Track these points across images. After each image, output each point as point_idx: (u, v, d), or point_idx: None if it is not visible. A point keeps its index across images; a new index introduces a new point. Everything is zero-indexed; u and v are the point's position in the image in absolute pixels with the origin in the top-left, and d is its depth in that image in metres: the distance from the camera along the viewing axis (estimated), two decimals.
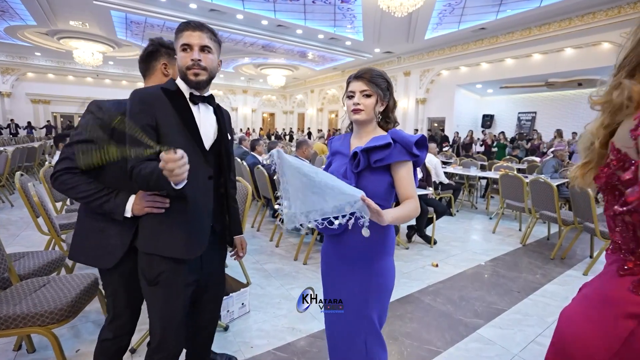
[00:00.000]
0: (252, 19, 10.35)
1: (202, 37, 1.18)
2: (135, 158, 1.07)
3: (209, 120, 1.28)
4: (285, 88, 23.26)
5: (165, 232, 1.20)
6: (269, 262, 3.32)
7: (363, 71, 1.21)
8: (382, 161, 1.14)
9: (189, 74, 1.18)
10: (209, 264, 1.36)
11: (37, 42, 13.82)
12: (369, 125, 1.24)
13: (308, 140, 3.74)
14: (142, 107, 1.14)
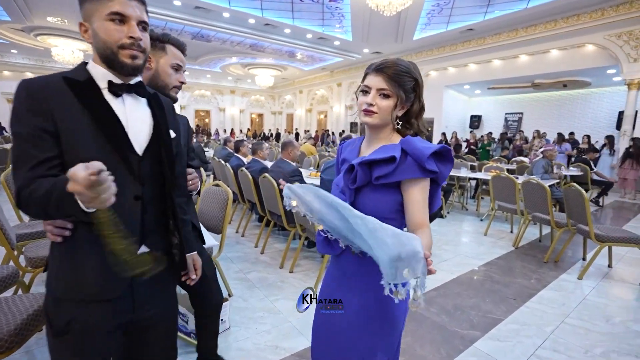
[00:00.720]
0: (238, 18, 10.12)
1: (141, 9, 0.92)
2: (25, 176, 0.80)
3: (140, 115, 0.97)
4: (273, 88, 23.02)
5: (75, 268, 0.90)
6: (253, 271, 3.12)
7: (387, 64, 0.94)
8: (386, 178, 0.90)
9: (122, 54, 0.88)
10: (147, 298, 1.01)
11: (12, 39, 13.23)
12: (382, 130, 0.99)
13: (294, 141, 3.56)
14: (32, 104, 0.82)
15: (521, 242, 4.11)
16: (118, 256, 0.79)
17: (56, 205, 0.76)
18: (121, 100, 0.93)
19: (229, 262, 3.26)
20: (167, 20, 10.26)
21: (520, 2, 8.44)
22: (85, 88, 0.89)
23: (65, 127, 0.84)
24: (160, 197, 1.01)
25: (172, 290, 1.15)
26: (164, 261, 0.97)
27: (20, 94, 0.83)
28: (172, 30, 11.54)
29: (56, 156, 0.83)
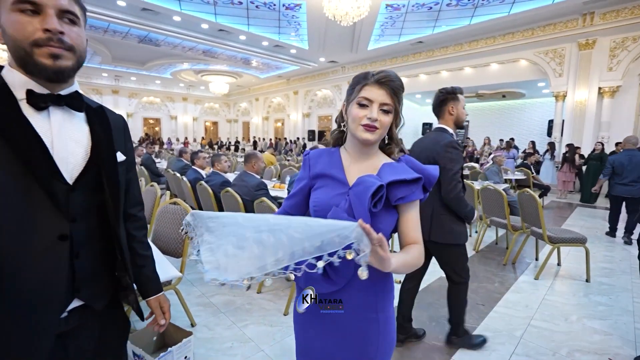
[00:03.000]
0: (190, 22, 9.67)
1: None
2: None
3: (72, 134, 0.79)
4: (228, 96, 22.40)
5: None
6: (217, 294, 2.86)
7: (390, 77, 0.87)
8: (404, 199, 0.85)
9: (39, 53, 0.70)
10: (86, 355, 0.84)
11: None
12: (374, 146, 0.94)
13: (258, 153, 3.37)
14: None
15: (480, 245, 4.30)
16: None
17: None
18: (46, 115, 0.75)
19: (189, 286, 2.97)
20: (111, 21, 9.48)
21: (463, 19, 9.10)
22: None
23: None
24: (100, 235, 0.82)
25: (118, 342, 0.95)
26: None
27: None
28: (115, 32, 10.71)
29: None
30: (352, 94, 0.90)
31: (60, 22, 0.71)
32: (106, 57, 13.81)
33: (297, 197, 1.00)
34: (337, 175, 0.92)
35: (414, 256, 0.86)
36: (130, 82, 19.37)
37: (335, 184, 0.91)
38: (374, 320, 0.90)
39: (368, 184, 0.82)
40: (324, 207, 0.88)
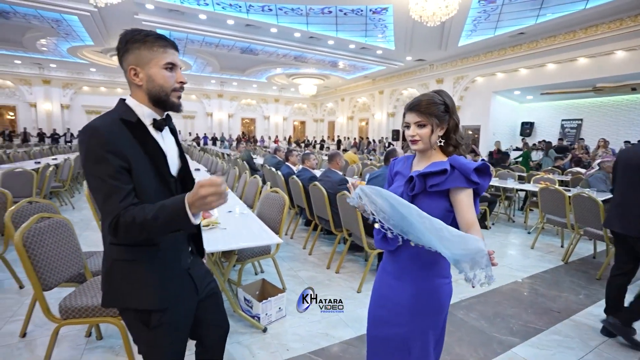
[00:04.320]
0: (285, 32, 10.74)
1: (178, 57, 1.12)
2: (119, 206, 0.94)
3: (170, 144, 1.17)
4: (316, 97, 23.66)
5: (137, 285, 1.07)
6: (303, 270, 3.45)
7: (416, 102, 1.20)
8: (438, 186, 1.14)
9: (173, 95, 1.08)
10: (201, 279, 1.26)
11: (92, 60, 15.20)
12: (428, 151, 1.25)
13: (340, 152, 3.85)
14: (111, 147, 0.96)
15: (573, 257, 4.00)
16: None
17: (165, 224, 0.93)
18: (161, 135, 1.13)
19: (281, 261, 3.63)
20: (221, 37, 11.19)
21: (577, 3, 8.03)
22: (137, 128, 1.05)
23: (132, 162, 1.00)
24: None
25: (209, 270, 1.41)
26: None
27: (97, 139, 0.95)
28: (224, 46, 12.54)
29: (133, 187, 1.00)
30: (402, 122, 1.29)
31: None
32: (215, 66, 16.17)
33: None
34: (404, 172, 1.31)
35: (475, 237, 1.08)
36: (232, 86, 22.11)
37: (402, 178, 1.29)
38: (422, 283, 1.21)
39: (409, 176, 1.21)
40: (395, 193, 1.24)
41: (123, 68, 1.08)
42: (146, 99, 1.07)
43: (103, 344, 2.14)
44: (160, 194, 1.06)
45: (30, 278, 1.70)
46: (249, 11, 9.17)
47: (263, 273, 3.31)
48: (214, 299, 1.33)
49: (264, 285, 2.70)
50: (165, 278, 1.11)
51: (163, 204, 0.94)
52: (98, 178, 0.95)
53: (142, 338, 1.15)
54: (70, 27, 10.80)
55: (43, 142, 16.89)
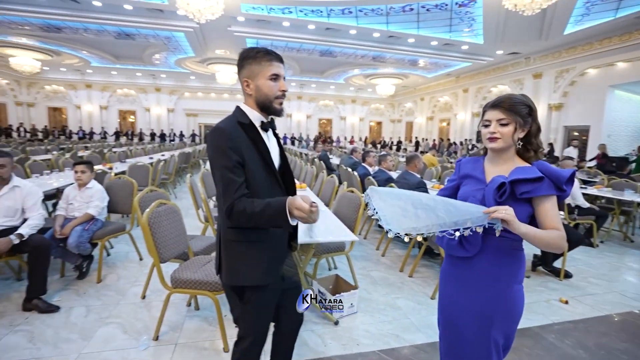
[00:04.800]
0: (364, 33, 10.78)
1: (284, 69, 1.27)
2: (234, 196, 1.13)
3: (273, 143, 1.33)
4: (393, 97, 23.12)
5: (247, 263, 1.25)
6: (375, 270, 3.46)
7: (500, 100, 1.18)
8: (529, 193, 1.12)
9: (275, 102, 1.24)
10: (289, 271, 1.51)
11: (192, 69, 17.43)
12: (506, 152, 1.21)
13: (418, 154, 3.74)
14: (231, 144, 1.15)
15: None
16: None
17: (269, 219, 1.11)
18: (266, 135, 1.31)
19: (354, 259, 3.68)
20: (302, 42, 11.75)
21: None
22: (250, 129, 1.23)
23: (246, 159, 1.18)
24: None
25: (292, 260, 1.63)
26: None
27: (221, 136, 1.16)
28: (305, 50, 13.14)
29: (245, 179, 1.18)
30: (480, 120, 1.24)
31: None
32: (296, 70, 17.03)
33: (447, 190, 1.40)
34: (478, 176, 1.26)
35: (551, 235, 1.08)
36: (311, 88, 22.98)
37: (476, 182, 1.26)
38: (495, 289, 1.18)
39: (495, 181, 1.14)
40: (464, 198, 1.24)
41: (240, 80, 1.28)
42: (255, 105, 1.26)
43: (199, 314, 2.49)
44: (267, 184, 1.23)
45: (150, 252, 2.09)
46: (330, 15, 9.46)
47: (336, 269, 3.42)
48: (295, 292, 1.48)
49: (337, 281, 2.81)
50: (269, 259, 1.28)
51: (269, 202, 1.12)
52: (220, 170, 1.15)
53: (236, 310, 1.36)
54: (178, 42, 12.59)
55: (154, 140, 20.03)
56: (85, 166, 3.01)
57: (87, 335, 2.21)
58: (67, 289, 2.82)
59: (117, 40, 12.56)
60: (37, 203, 2.68)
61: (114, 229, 3.13)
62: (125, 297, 2.72)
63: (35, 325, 2.31)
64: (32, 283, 2.46)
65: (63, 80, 20.33)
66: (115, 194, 3.44)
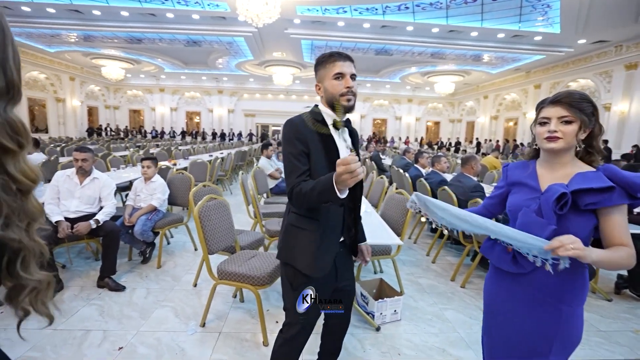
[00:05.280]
0: (422, 29, 10.32)
1: (352, 66, 1.28)
2: (295, 180, 1.22)
3: (345, 141, 1.33)
4: (453, 95, 21.83)
5: (298, 248, 1.33)
6: (423, 277, 3.27)
7: (562, 95, 1.04)
8: (596, 205, 0.96)
9: (342, 100, 1.26)
10: (343, 271, 1.44)
11: (251, 71, 18.32)
12: (564, 155, 1.05)
13: (476, 156, 3.43)
14: (297, 135, 1.25)
15: None
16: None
17: (318, 194, 1.13)
18: (338, 132, 1.33)
19: (401, 264, 3.54)
20: (357, 41, 11.64)
21: None
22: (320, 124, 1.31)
23: (311, 150, 1.27)
24: (351, 204, 1.39)
25: (353, 268, 1.60)
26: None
27: (290, 128, 1.28)
28: (360, 49, 13.00)
29: (308, 169, 1.26)
30: (536, 119, 1.08)
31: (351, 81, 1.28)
32: None
33: (494, 199, 1.27)
34: (530, 183, 1.10)
35: (620, 255, 0.93)
36: (366, 88, 22.68)
37: (529, 190, 1.09)
38: (556, 310, 1.03)
39: (554, 191, 0.98)
40: (516, 208, 1.08)
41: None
42: (327, 105, 1.34)
43: (244, 306, 2.58)
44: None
45: (200, 243, 2.21)
46: (385, 12, 9.22)
47: (382, 273, 3.30)
48: (347, 295, 1.54)
49: (381, 285, 2.70)
50: (319, 251, 1.31)
51: (319, 179, 1.16)
52: (287, 157, 1.27)
53: (286, 295, 1.42)
54: (238, 47, 13.33)
55: (214, 139, 21.52)
56: (151, 162, 3.31)
57: (145, 314, 2.42)
58: (132, 271, 3.13)
59: (186, 48, 13.72)
60: (111, 193, 3.01)
61: (173, 220, 3.39)
62: (179, 283, 2.93)
63: (105, 300, 2.60)
64: (105, 264, 2.78)
65: (141, 86, 22.88)
66: (176, 187, 3.74)
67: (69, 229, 2.67)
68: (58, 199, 2.83)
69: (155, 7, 9.47)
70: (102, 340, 2.13)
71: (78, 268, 3.14)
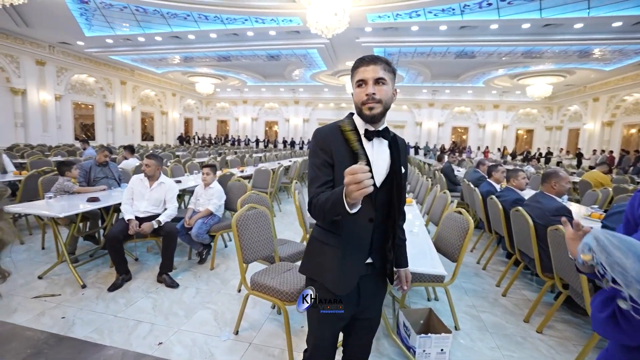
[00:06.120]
0: (509, 26, 9.21)
1: (376, 69, 1.14)
2: (314, 190, 1.16)
3: (381, 155, 1.22)
4: (551, 99, 19.02)
5: (321, 262, 1.25)
6: (488, 312, 2.78)
7: None
8: None
9: (363, 108, 1.16)
10: (367, 297, 1.29)
11: (326, 82, 18.76)
12: None
13: (561, 171, 2.79)
14: (322, 145, 1.19)
15: None
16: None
17: (331, 206, 1.02)
18: (371, 143, 1.21)
19: (461, 293, 3.08)
20: (433, 45, 10.96)
21: None
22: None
23: (337, 161, 1.17)
24: (386, 221, 1.24)
25: (382, 296, 1.40)
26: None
27: (315, 138, 1.22)
28: (436, 53, 12.23)
29: (331, 179, 1.18)
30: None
31: (374, 87, 1.14)
32: (427, 75, 16.06)
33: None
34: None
35: None
36: (445, 94, 21.27)
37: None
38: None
39: None
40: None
41: None
42: (357, 114, 1.25)
43: (280, 319, 2.51)
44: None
45: (236, 251, 2.23)
46: (464, 12, 8.48)
47: (436, 301, 2.92)
48: (368, 324, 1.37)
49: (430, 317, 2.36)
50: (341, 270, 1.21)
51: (334, 191, 1.04)
52: (310, 166, 1.22)
53: (308, 311, 1.33)
54: (312, 58, 13.79)
55: (286, 148, 22.60)
56: (210, 169, 3.54)
57: (189, 314, 2.54)
58: (189, 270, 3.35)
59: (265, 62, 14.75)
60: (174, 197, 3.30)
61: (227, 224, 3.55)
62: (226, 287, 3.02)
63: (160, 295, 2.82)
64: (163, 261, 3.03)
65: (228, 98, 25.44)
66: (233, 194, 3.93)
67: (137, 227, 2.99)
68: (132, 199, 3.20)
69: (238, 27, 10.39)
70: (147, 333, 2.29)
71: (147, 262, 3.50)
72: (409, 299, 2.88)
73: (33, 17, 10.23)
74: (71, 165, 3.65)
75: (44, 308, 2.55)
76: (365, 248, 1.22)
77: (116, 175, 4.20)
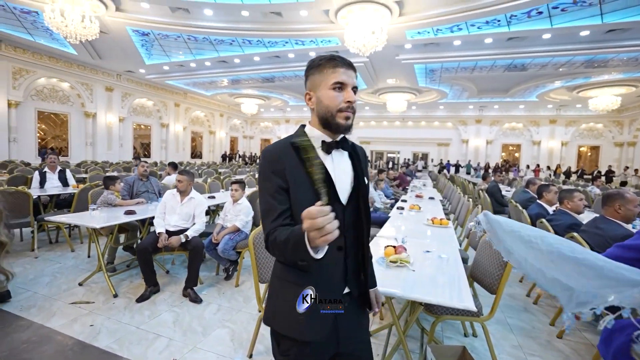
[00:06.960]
0: (564, 34, 8.51)
1: (354, 77, 1.02)
2: (270, 225, 0.96)
3: (343, 167, 1.06)
4: (620, 112, 17.12)
5: (285, 309, 1.02)
6: (537, 356, 2.37)
7: None
8: None
9: (339, 116, 1.00)
10: (348, 332, 1.08)
11: (365, 100, 18.71)
12: None
13: (627, 193, 2.35)
14: (272, 168, 1.00)
15: None
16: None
17: (292, 250, 0.87)
18: (331, 157, 1.04)
19: (507, 330, 2.70)
20: (478, 59, 10.47)
21: None
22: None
23: (292, 183, 0.98)
24: (357, 243, 1.07)
25: (367, 324, 1.19)
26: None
27: (264, 159, 1.02)
28: (482, 68, 11.66)
29: (288, 208, 0.98)
30: None
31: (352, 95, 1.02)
32: (472, 91, 15.34)
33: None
34: None
35: None
36: (493, 110, 20.13)
37: None
38: None
39: None
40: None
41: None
42: (317, 122, 1.06)
43: None
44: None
45: (252, 271, 2.16)
46: (510, 23, 8.02)
47: (475, 337, 2.58)
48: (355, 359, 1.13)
49: (464, 356, 2.06)
50: (312, 311, 1.00)
51: (294, 229, 0.88)
52: (262, 194, 1.02)
53: (275, 357, 1.13)
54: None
55: None
56: (238, 185, 3.57)
57: (207, 331, 2.51)
58: (214, 285, 3.36)
59: None
60: (203, 212, 3.36)
61: None
62: (247, 306, 2.96)
63: (182, 309, 2.83)
64: (189, 275, 3.06)
65: (271, 118, 26.45)
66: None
67: (166, 240, 3.08)
68: (164, 214, 3.32)
69: (279, 50, 10.85)
70: (164, 348, 2.28)
71: (177, 275, 3.58)
72: (441, 332, 2.59)
73: (104, 50, 11.64)
74: (115, 179, 3.92)
75: (78, 314, 2.68)
76: (340, 278, 1.05)
77: (156, 189, 4.44)
